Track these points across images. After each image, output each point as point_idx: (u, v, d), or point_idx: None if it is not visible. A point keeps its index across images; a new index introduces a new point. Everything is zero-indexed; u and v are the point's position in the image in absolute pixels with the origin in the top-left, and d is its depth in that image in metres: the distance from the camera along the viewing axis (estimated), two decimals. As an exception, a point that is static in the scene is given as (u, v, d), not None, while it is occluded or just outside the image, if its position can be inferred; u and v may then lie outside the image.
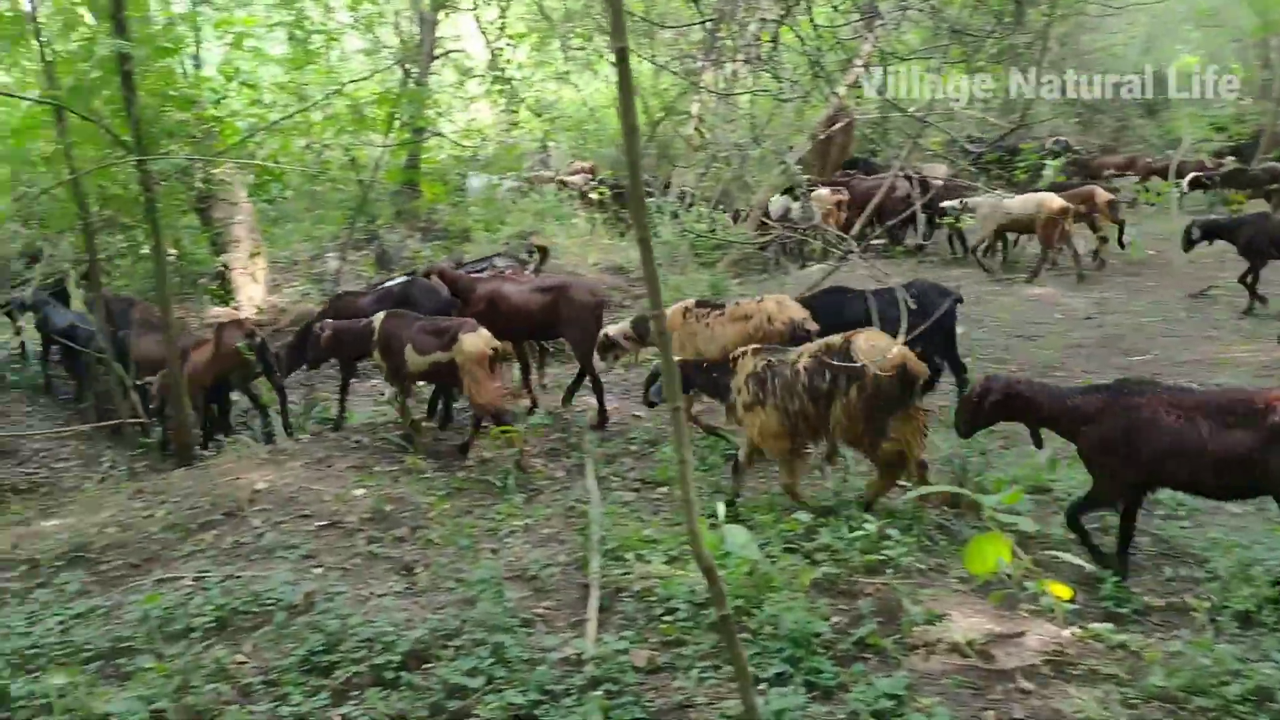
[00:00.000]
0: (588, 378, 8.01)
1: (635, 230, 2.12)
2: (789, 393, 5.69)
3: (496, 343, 7.14)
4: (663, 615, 4.50)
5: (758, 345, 6.26)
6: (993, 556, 4.00)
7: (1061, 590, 3.96)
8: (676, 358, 7.42)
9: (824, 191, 13.15)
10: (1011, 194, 12.36)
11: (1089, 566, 4.73)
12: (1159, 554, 5.11)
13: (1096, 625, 4.21)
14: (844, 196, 13.17)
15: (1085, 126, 22.85)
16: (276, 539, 5.49)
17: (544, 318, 8.07)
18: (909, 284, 7.46)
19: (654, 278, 2.20)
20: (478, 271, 9.14)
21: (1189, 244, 10.53)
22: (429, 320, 7.43)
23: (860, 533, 5.02)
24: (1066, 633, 4.15)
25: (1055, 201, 11.45)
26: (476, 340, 6.98)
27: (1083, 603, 4.45)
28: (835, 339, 5.78)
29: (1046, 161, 15.23)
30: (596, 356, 7.80)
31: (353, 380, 8.17)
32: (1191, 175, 15.38)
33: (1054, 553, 4.84)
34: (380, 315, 7.53)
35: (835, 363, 5.49)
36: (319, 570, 5.14)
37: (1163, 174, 16.20)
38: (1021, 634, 4.20)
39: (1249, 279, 9.84)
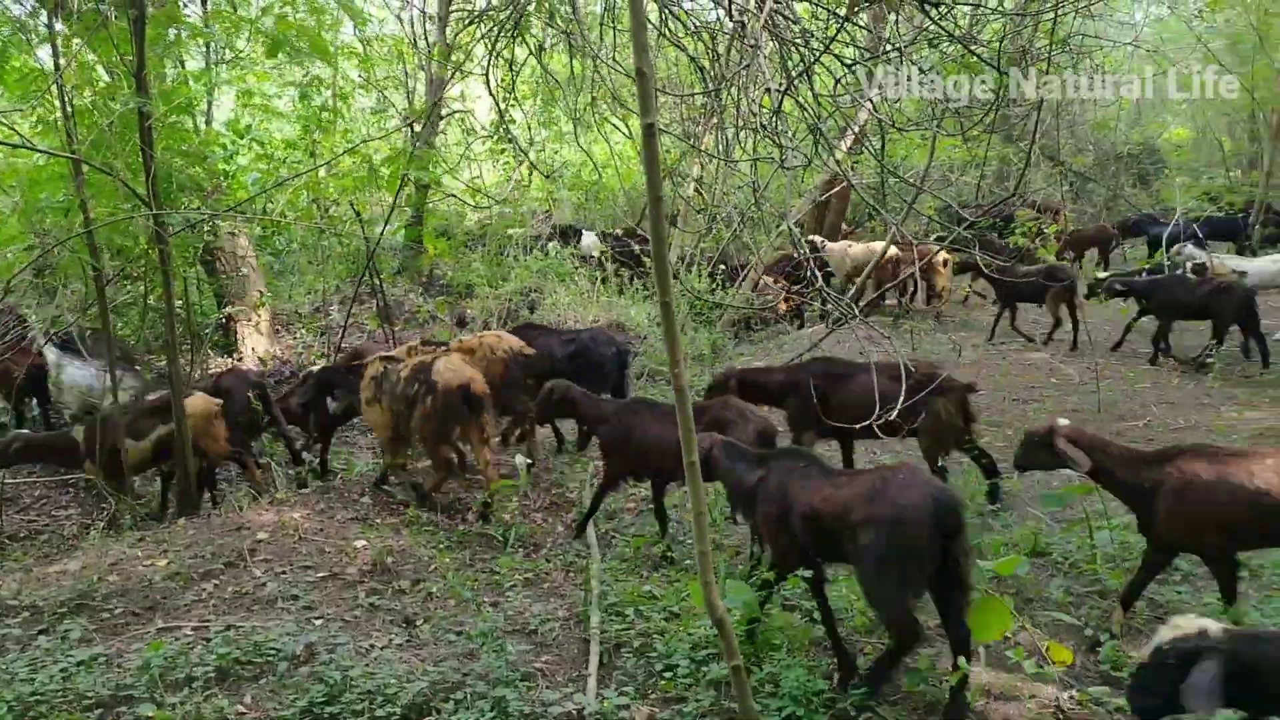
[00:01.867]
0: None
1: (659, 294, 2.21)
2: (393, 395, 7.13)
3: (218, 401, 7.56)
4: (663, 671, 4.52)
5: (383, 354, 7.62)
6: (996, 623, 4.07)
7: (1062, 653, 4.01)
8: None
9: (768, 279, 13.65)
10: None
11: (1089, 630, 4.77)
12: (1155, 618, 5.13)
13: (1095, 689, 4.23)
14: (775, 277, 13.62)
15: (1077, 196, 23.20)
16: (278, 589, 5.50)
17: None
18: (584, 330, 8.29)
19: (674, 337, 2.28)
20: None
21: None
22: (137, 405, 7.73)
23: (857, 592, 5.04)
24: (1065, 695, 4.17)
25: (890, 251, 12.61)
26: (197, 402, 7.36)
27: (1081, 665, 4.47)
28: (427, 358, 7.19)
29: (1045, 230, 15.46)
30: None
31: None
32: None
33: (1055, 615, 4.92)
34: (79, 429, 7.55)
35: (423, 378, 6.95)
36: (320, 621, 5.14)
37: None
38: (1019, 697, 4.22)
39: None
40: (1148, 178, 24.46)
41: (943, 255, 13.31)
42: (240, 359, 11.55)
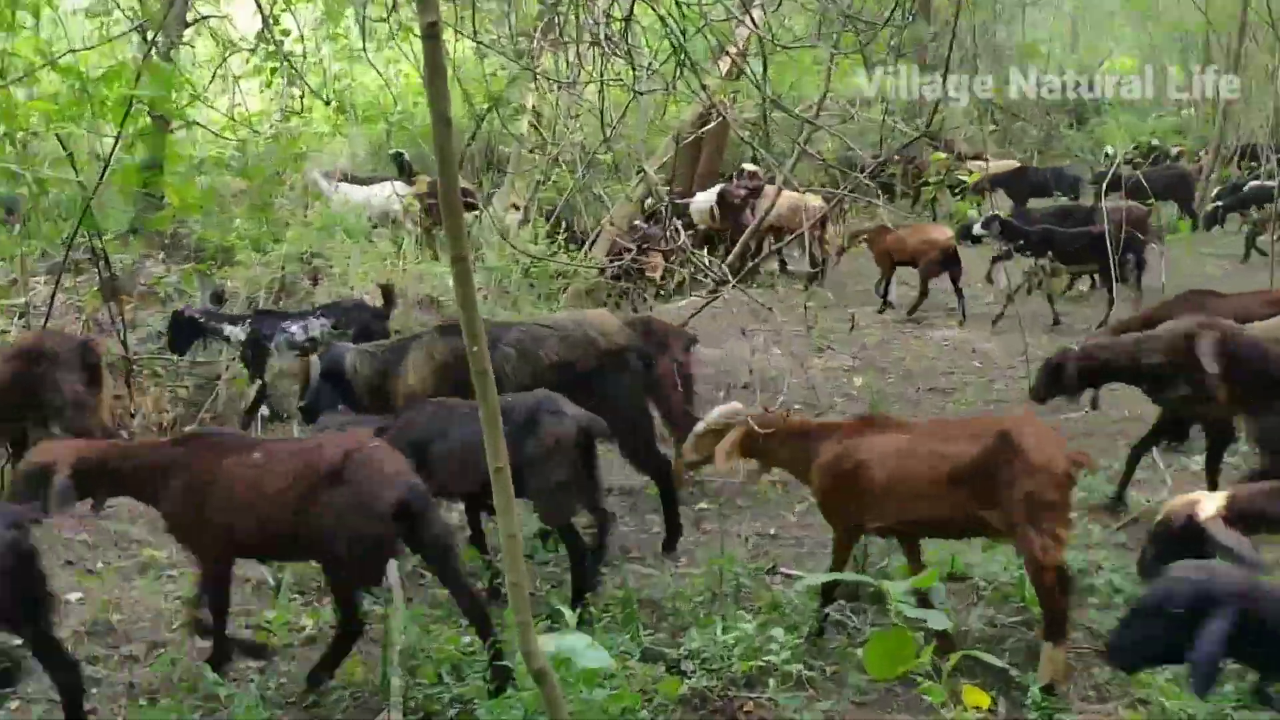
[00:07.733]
0: None
1: (450, 248, 2.15)
2: None
3: None
4: (485, 746, 4.49)
5: None
6: (898, 657, 4.19)
7: (979, 698, 4.17)
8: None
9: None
10: None
11: (1014, 670, 4.99)
12: (1095, 650, 5.39)
13: (1020, 738, 4.44)
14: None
15: (1005, 137, 24.33)
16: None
17: None
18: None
19: (472, 306, 2.23)
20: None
21: None
22: None
23: (736, 633, 5.14)
24: (985, 748, 4.35)
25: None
26: None
27: (1005, 712, 4.68)
28: None
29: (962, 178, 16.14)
30: None
31: None
32: None
33: (973, 652, 5.11)
34: None
35: None
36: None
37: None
38: (932, 751, 4.39)
39: None
40: (1084, 115, 25.81)
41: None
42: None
